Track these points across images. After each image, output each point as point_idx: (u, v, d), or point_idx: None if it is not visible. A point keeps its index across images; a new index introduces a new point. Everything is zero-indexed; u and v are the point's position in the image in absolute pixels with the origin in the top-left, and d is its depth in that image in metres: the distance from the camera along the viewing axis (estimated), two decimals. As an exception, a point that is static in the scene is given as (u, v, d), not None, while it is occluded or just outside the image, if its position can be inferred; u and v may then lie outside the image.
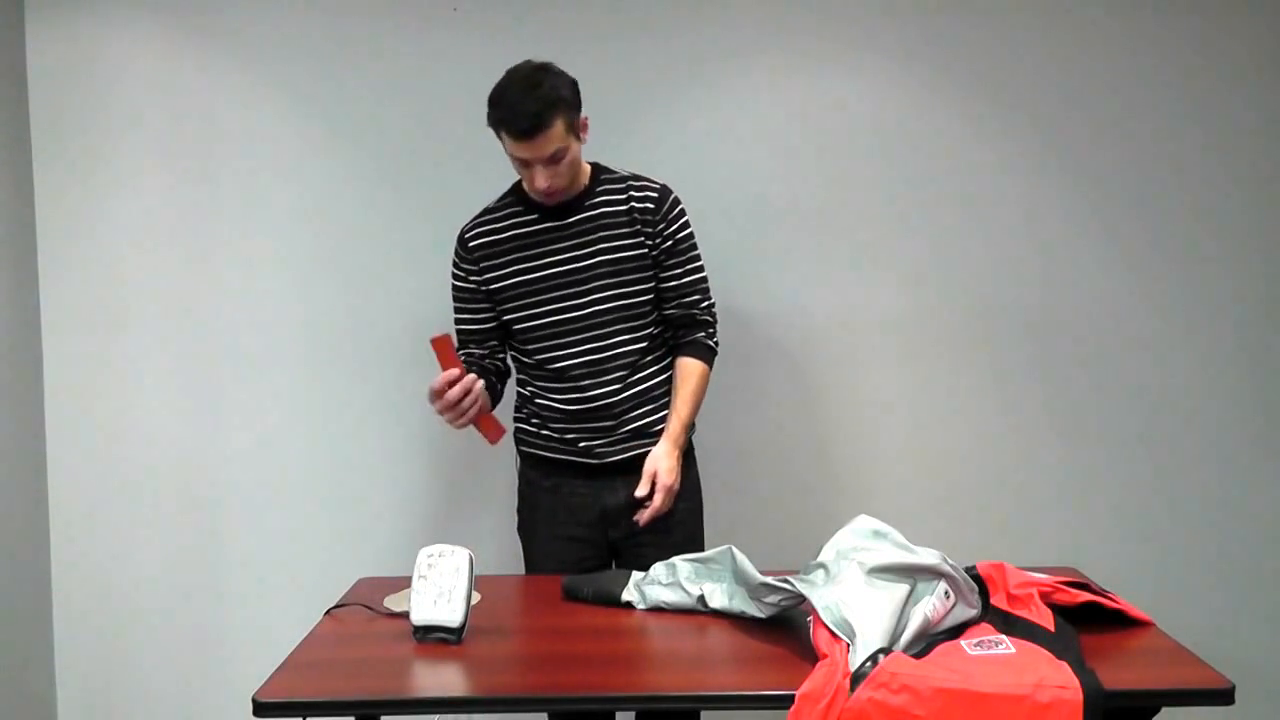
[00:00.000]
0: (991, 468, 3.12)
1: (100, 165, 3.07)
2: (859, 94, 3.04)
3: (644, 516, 2.51)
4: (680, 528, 2.61)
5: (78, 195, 3.08)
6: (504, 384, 2.68)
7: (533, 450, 2.67)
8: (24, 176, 3.05)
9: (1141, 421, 3.11)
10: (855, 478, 3.13)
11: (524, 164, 2.45)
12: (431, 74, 3.04)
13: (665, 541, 2.56)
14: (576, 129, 2.45)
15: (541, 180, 2.43)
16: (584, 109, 2.48)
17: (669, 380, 2.62)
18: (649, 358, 2.61)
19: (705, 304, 2.63)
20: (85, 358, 3.12)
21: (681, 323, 2.62)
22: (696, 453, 2.72)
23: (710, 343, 2.63)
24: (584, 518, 2.59)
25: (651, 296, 2.59)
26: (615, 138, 3.03)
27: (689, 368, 2.60)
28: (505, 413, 2.68)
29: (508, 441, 2.67)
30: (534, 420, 2.65)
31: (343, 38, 3.04)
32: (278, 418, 3.13)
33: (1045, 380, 3.10)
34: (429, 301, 2.86)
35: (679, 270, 2.58)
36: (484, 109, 3.01)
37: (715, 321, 2.66)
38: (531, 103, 2.36)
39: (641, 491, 2.50)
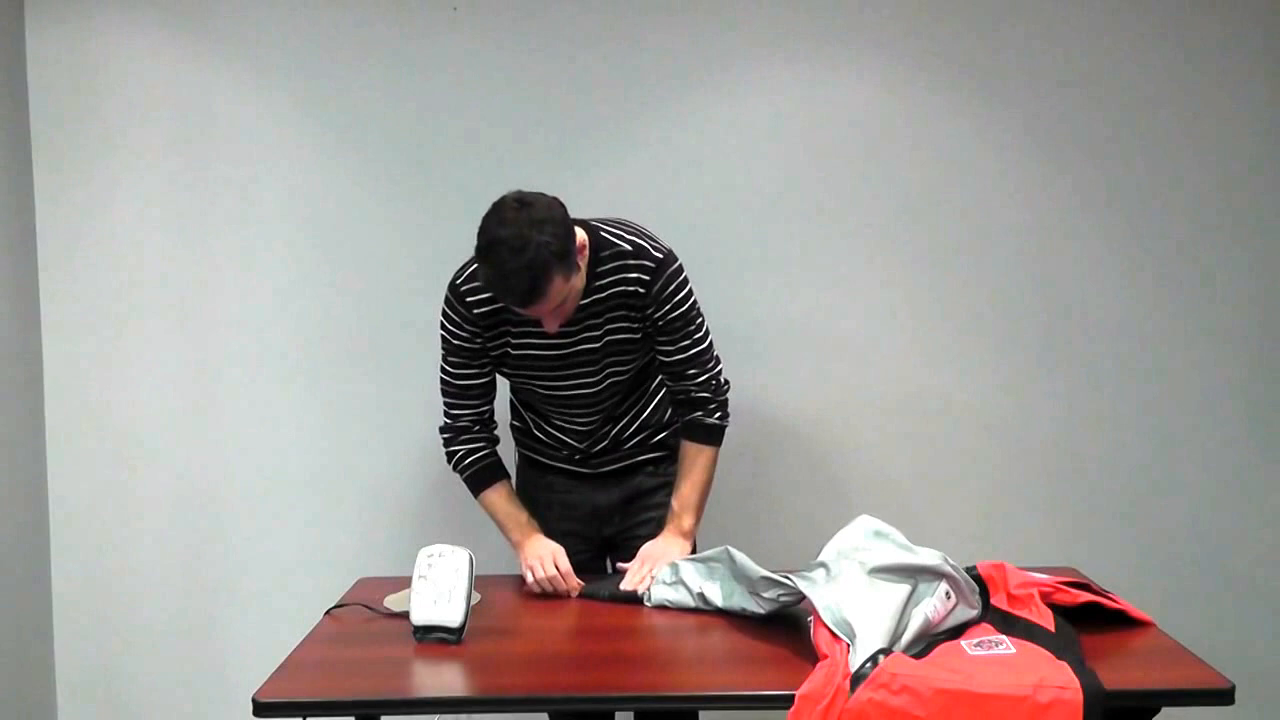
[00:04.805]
0: (992, 468, 3.12)
1: (100, 165, 3.06)
2: (866, 95, 3.03)
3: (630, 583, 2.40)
4: None
5: (78, 195, 3.07)
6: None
7: (526, 451, 2.68)
8: (24, 176, 3.05)
9: (1142, 422, 3.10)
10: (856, 478, 3.12)
11: None
12: (431, 74, 3.03)
13: (658, 535, 2.56)
14: (573, 268, 2.25)
15: (551, 325, 2.32)
16: (582, 111, 2.44)
17: (665, 401, 2.60)
18: (644, 397, 2.58)
19: (702, 378, 2.48)
20: (85, 358, 3.11)
21: (678, 399, 2.52)
22: None
23: (710, 420, 2.50)
24: (577, 514, 2.59)
25: (650, 358, 2.52)
26: (616, 140, 3.04)
27: (690, 454, 2.49)
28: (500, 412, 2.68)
29: (508, 441, 2.68)
30: (528, 424, 2.65)
31: (342, 37, 3.03)
32: (278, 417, 3.13)
33: (1046, 381, 3.10)
34: (430, 301, 2.85)
35: (670, 348, 2.45)
36: (483, 109, 3.04)
37: (716, 393, 2.50)
38: (523, 278, 2.15)
39: (631, 580, 2.39)
